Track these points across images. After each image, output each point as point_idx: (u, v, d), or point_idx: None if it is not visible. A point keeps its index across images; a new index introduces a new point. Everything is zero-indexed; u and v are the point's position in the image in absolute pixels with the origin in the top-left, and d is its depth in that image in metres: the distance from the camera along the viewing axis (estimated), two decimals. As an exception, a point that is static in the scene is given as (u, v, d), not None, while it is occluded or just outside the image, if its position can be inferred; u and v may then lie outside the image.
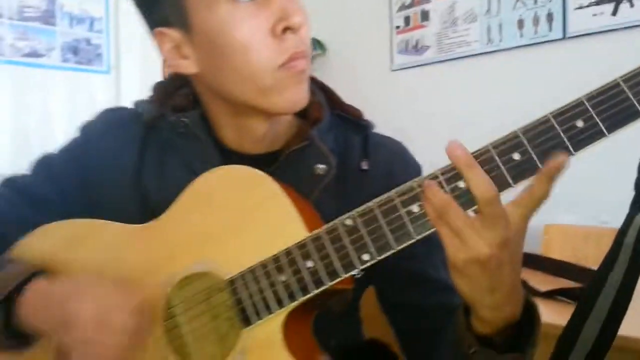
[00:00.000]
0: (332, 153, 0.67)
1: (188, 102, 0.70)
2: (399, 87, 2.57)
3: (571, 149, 0.50)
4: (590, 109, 0.50)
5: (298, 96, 0.65)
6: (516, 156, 0.51)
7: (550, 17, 2.04)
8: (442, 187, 0.52)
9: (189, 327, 0.61)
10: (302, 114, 0.72)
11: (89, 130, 0.75)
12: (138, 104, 0.74)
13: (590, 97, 0.50)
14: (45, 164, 0.75)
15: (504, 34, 2.17)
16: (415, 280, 0.70)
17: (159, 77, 2.39)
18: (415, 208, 0.53)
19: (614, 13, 1.87)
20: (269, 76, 0.62)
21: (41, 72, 2.22)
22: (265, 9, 0.61)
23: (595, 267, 0.97)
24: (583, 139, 0.50)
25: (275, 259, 0.57)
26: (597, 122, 0.50)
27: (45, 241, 0.68)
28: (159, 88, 0.73)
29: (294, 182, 0.63)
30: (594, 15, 1.92)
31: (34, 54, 2.20)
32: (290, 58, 0.62)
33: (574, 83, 0.73)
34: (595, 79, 0.53)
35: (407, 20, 2.54)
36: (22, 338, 0.62)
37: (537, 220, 1.91)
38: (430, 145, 0.74)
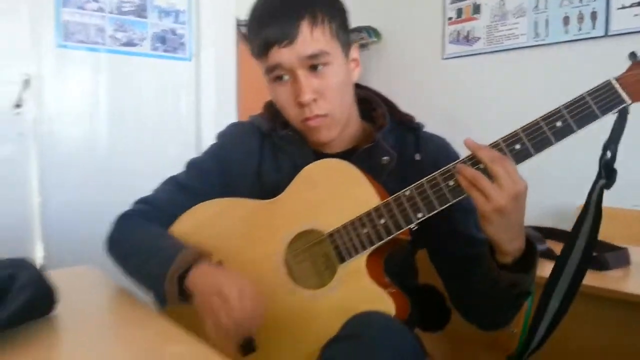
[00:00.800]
0: (393, 148, 0.94)
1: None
2: (449, 75, 2.77)
3: (552, 139, 0.77)
4: (566, 114, 0.76)
5: (320, 140, 0.95)
6: (517, 146, 0.78)
7: (594, 15, 2.20)
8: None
9: (296, 265, 0.91)
10: (370, 120, 1.01)
11: (223, 138, 1.08)
12: (254, 118, 1.05)
13: (566, 106, 0.77)
14: (195, 163, 1.07)
15: (550, 29, 2.35)
16: (453, 237, 0.96)
17: (232, 66, 2.69)
18: (451, 182, 0.81)
19: (654, 13, 2.03)
20: (298, 125, 0.95)
21: (135, 59, 2.53)
22: (292, 87, 0.91)
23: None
24: (560, 133, 0.77)
25: (360, 218, 0.85)
26: (570, 123, 0.76)
27: (200, 213, 1.00)
28: (269, 107, 1.03)
29: (367, 169, 0.91)
30: (635, 15, 2.08)
31: (130, 43, 2.52)
32: (305, 119, 0.92)
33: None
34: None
35: (459, 12, 2.73)
36: (189, 297, 0.88)
37: (571, 200, 2.17)
38: (477, 128, 0.93)
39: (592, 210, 0.83)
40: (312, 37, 0.88)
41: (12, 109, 2.22)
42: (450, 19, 2.77)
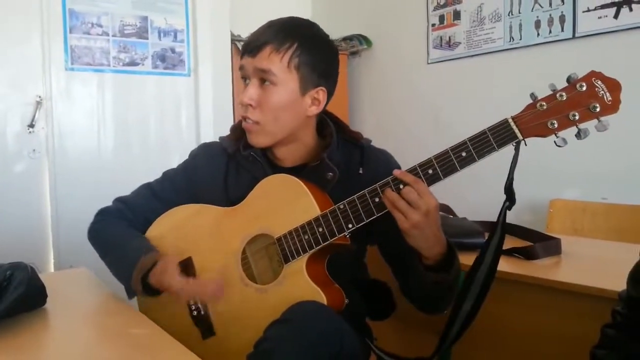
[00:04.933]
0: (338, 165, 1.09)
1: None
2: (434, 78, 2.91)
3: (457, 166, 0.92)
4: (470, 146, 0.92)
5: (252, 143, 1.12)
6: (430, 171, 0.94)
7: (562, 18, 2.32)
8: (392, 189, 0.95)
9: (254, 263, 1.09)
10: (322, 135, 1.17)
11: (195, 156, 1.26)
12: (222, 139, 1.22)
13: (470, 139, 0.92)
14: (169, 176, 1.26)
15: (523, 33, 2.47)
16: (393, 234, 1.06)
17: (228, 79, 2.87)
18: (377, 199, 0.97)
19: (616, 16, 2.14)
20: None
21: (137, 77, 2.74)
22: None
23: (588, 238, 1.44)
24: (464, 162, 0.92)
25: (302, 226, 1.02)
26: (473, 154, 0.91)
27: (173, 217, 1.18)
28: (235, 129, 1.21)
29: (316, 182, 1.07)
30: (599, 17, 2.19)
31: (132, 62, 2.72)
32: (243, 117, 1.10)
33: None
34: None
35: (441, 18, 2.87)
36: (154, 291, 1.10)
37: (544, 195, 2.35)
38: (459, 127, 0.99)
39: (499, 229, 1.00)
40: (269, 58, 1.06)
41: (26, 128, 2.44)
42: (433, 25, 2.90)
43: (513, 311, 1.26)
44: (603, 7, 2.18)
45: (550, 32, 2.37)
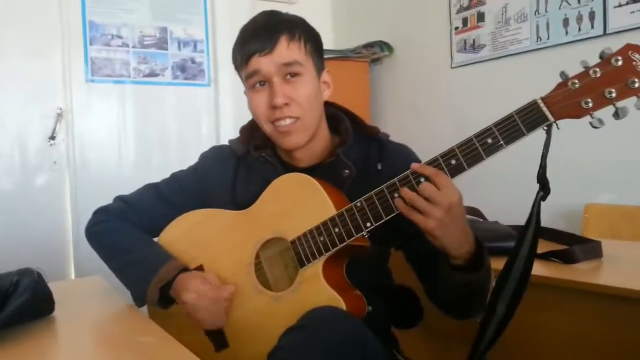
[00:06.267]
0: (355, 162, 1.03)
1: (263, 140, 1.11)
2: (459, 82, 2.83)
3: (483, 155, 0.84)
4: (496, 132, 0.84)
5: (289, 145, 1.04)
6: (453, 161, 0.86)
7: (592, 15, 2.22)
8: (412, 184, 0.88)
9: (269, 269, 1.02)
10: (338, 134, 1.10)
11: (204, 159, 1.21)
12: (231, 142, 1.17)
13: (496, 124, 0.84)
14: (178, 178, 1.20)
15: (551, 32, 2.38)
16: (418, 236, 0.98)
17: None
18: (396, 194, 0.89)
19: (650, 10, 2.04)
20: (269, 130, 1.04)
21: (157, 88, 2.73)
22: (267, 93, 1.02)
23: (630, 241, 1.31)
24: (491, 149, 0.84)
25: (317, 227, 0.95)
26: (500, 139, 0.83)
27: (183, 223, 1.13)
28: (244, 130, 1.15)
29: (331, 182, 1.01)
30: (632, 12, 2.09)
31: (152, 73, 2.72)
32: (276, 119, 1.02)
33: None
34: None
35: (465, 21, 2.79)
36: (170, 301, 1.05)
37: (579, 200, 2.22)
38: None
39: (534, 220, 0.90)
40: (288, 49, 1.00)
41: (47, 141, 2.44)
42: (457, 28, 2.83)
43: (552, 319, 1.16)
44: (635, 1, 2.08)
45: (579, 29, 2.27)
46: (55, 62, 2.48)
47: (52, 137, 2.45)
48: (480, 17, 2.70)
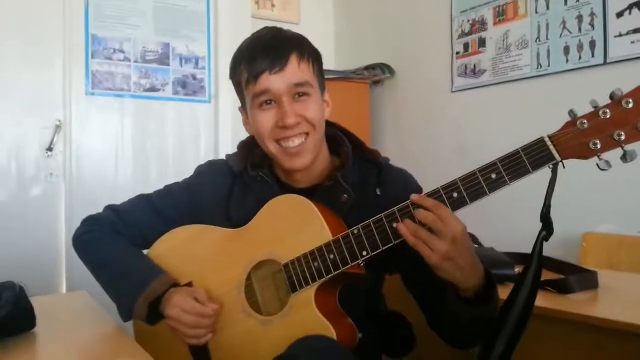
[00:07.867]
0: (353, 186, 1.02)
1: (261, 158, 1.10)
2: (459, 107, 2.83)
3: (486, 190, 0.83)
4: (500, 167, 0.82)
5: (294, 166, 1.02)
6: (455, 194, 0.85)
7: (592, 44, 2.23)
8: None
9: (260, 291, 1.00)
10: (338, 155, 1.09)
11: (199, 173, 1.18)
12: (228, 157, 1.15)
13: (501, 159, 0.83)
14: (171, 191, 1.18)
15: (552, 59, 2.39)
16: (419, 263, 0.99)
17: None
18: (394, 224, 0.88)
19: (650, 40, 2.05)
20: (275, 150, 1.01)
21: (157, 103, 2.73)
22: (275, 112, 1.00)
23: (628, 272, 1.29)
24: (494, 185, 0.83)
25: (311, 252, 0.93)
26: (504, 176, 0.82)
27: (174, 238, 1.11)
28: (242, 147, 1.13)
29: (329, 205, 0.99)
30: (632, 42, 2.10)
31: (153, 88, 2.72)
32: (284, 138, 0.99)
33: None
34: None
35: (466, 46, 2.80)
36: (158, 317, 1.02)
37: (576, 229, 2.20)
38: (485, 156, 0.89)
39: (535, 262, 0.88)
40: (299, 68, 0.99)
41: (44, 152, 2.43)
42: (457, 53, 2.84)
43: (544, 349, 1.14)
44: (635, 31, 2.09)
45: (580, 57, 2.28)
46: (56, 74, 2.48)
47: (50, 149, 2.44)
48: (482, 42, 2.72)
